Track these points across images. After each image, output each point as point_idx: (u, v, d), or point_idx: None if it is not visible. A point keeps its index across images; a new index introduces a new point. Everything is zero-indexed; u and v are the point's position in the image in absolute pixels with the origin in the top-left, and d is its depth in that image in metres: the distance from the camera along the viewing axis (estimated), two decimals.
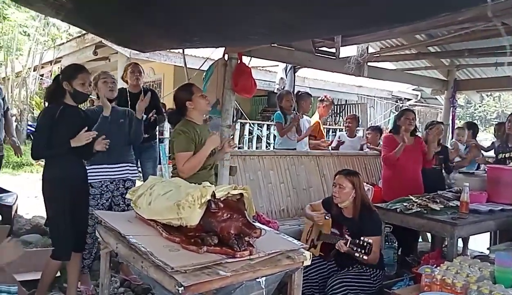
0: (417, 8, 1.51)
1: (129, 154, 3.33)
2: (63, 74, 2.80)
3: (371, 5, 1.50)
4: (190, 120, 2.82)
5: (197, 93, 2.82)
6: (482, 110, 33.37)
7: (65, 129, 2.70)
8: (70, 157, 2.74)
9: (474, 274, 2.32)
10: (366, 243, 2.65)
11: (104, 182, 3.16)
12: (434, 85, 6.07)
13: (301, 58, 4.39)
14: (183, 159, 2.71)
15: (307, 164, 4.88)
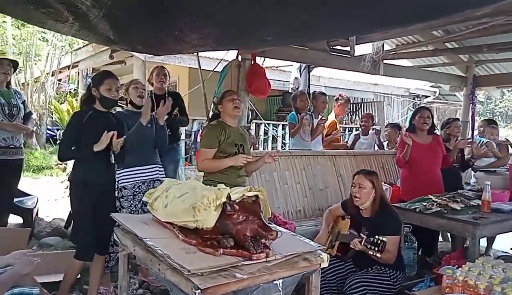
0: (434, 6, 1.48)
1: (156, 155, 3.44)
2: (92, 81, 2.92)
3: (386, 4, 1.47)
4: (221, 121, 3.05)
5: (226, 97, 3.04)
6: (503, 106, 32.61)
7: (92, 133, 2.76)
8: (97, 161, 2.81)
9: (498, 275, 2.26)
10: (380, 240, 2.63)
11: (136, 183, 3.24)
12: (453, 82, 5.94)
13: (316, 57, 4.36)
14: (204, 155, 2.98)
15: (323, 164, 4.83)
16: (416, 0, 1.42)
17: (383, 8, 1.52)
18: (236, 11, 1.61)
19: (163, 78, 3.95)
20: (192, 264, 1.68)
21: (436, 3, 1.37)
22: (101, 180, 2.87)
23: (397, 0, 1.46)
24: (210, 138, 2.99)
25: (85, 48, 9.00)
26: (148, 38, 2.21)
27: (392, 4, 1.49)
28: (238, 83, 3.60)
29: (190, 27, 1.83)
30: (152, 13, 1.73)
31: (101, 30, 2.15)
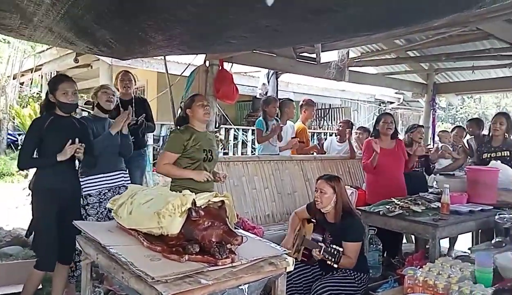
0: (396, 15, 1.54)
1: (121, 162, 3.40)
2: (48, 87, 2.84)
3: (349, 12, 1.51)
4: (190, 126, 3.00)
5: (197, 102, 2.99)
6: (464, 112, 34.01)
7: (54, 140, 2.70)
8: (61, 168, 2.73)
9: (456, 274, 2.34)
10: (336, 251, 2.69)
11: (101, 190, 3.19)
12: (415, 89, 6.17)
13: (283, 63, 4.42)
14: (166, 158, 2.92)
15: (291, 168, 4.90)
16: (378, 10, 1.47)
17: (346, 16, 1.57)
18: (202, 13, 1.61)
19: (128, 83, 3.90)
20: (156, 271, 1.66)
21: (396, 14, 1.43)
22: (65, 187, 2.80)
23: (361, 9, 1.50)
24: (176, 142, 2.94)
25: (49, 51, 8.73)
26: (112, 40, 2.17)
27: (356, 12, 1.53)
28: (205, 89, 3.60)
29: (154, 28, 1.81)
30: (114, 13, 1.71)
31: (62, 32, 2.10)
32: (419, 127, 4.62)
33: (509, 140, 4.27)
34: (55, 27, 2.07)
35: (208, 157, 3.00)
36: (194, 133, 2.96)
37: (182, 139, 2.91)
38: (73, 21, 1.98)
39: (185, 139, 2.91)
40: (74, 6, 1.72)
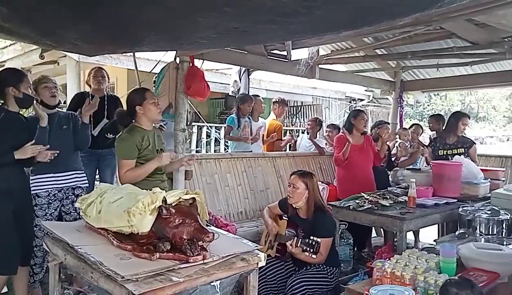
0: (359, 16, 1.58)
1: (76, 160, 3.23)
2: (7, 80, 2.67)
3: (316, 13, 1.54)
4: (137, 126, 2.78)
5: (149, 99, 2.78)
6: (431, 109, 35.10)
7: (6, 137, 2.58)
8: (12, 167, 2.63)
9: (422, 265, 2.42)
10: (315, 241, 2.73)
11: (51, 191, 3.04)
12: (383, 86, 6.33)
13: (254, 61, 4.44)
14: (125, 166, 2.69)
15: (263, 165, 4.93)
16: (344, 11, 1.50)
17: (313, 17, 1.59)
18: (170, 16, 1.60)
19: (101, 79, 3.82)
20: (127, 270, 1.64)
21: (360, 15, 1.47)
22: (19, 187, 2.70)
23: (327, 10, 1.53)
24: (129, 148, 2.70)
25: (13, 46, 8.39)
26: (79, 37, 2.12)
27: (322, 13, 1.56)
28: (176, 86, 3.56)
29: (121, 29, 1.79)
30: (79, 12, 1.68)
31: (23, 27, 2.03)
32: (385, 124, 4.78)
33: (463, 137, 4.47)
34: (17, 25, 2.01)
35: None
36: (143, 134, 2.75)
37: (134, 142, 2.70)
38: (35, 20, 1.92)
39: (138, 142, 2.71)
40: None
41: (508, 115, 34.15)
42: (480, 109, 33.76)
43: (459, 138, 4.47)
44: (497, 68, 5.43)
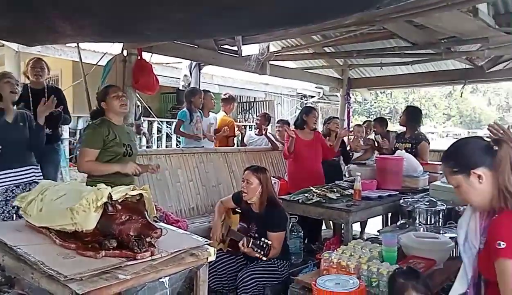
0: (303, 13, 1.62)
1: (31, 156, 3.16)
2: None
3: (261, 9, 1.56)
4: (107, 119, 2.84)
5: (111, 94, 2.82)
6: (377, 106, 36.62)
7: None
8: None
9: (365, 255, 2.53)
10: (266, 244, 2.78)
11: (8, 187, 2.95)
12: (331, 83, 6.52)
13: (205, 55, 4.41)
14: (87, 155, 2.73)
15: (215, 160, 4.92)
16: (287, 8, 1.53)
17: (258, 12, 1.61)
18: (112, 5, 1.56)
19: (40, 71, 3.64)
20: (70, 269, 1.58)
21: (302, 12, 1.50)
22: None
23: (272, 7, 1.56)
24: (94, 137, 2.76)
25: None
26: (14, 27, 2.00)
27: (267, 9, 1.59)
28: (124, 79, 3.46)
29: (61, 17, 1.71)
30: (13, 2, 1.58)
31: None
32: (334, 118, 4.95)
33: (419, 134, 4.66)
34: None
35: (128, 152, 2.87)
36: (111, 127, 2.81)
37: (101, 133, 2.75)
38: None
39: (104, 134, 2.75)
40: None
41: (448, 112, 36.40)
42: (422, 107, 35.66)
43: (414, 134, 4.58)
44: (435, 68, 5.78)
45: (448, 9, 2.88)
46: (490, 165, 1.47)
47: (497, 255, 1.36)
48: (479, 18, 3.30)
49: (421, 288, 1.63)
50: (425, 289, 1.64)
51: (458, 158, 1.55)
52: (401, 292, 1.65)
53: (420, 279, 1.69)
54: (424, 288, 1.64)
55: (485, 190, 1.47)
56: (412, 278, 1.68)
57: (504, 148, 1.45)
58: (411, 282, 1.65)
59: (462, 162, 1.52)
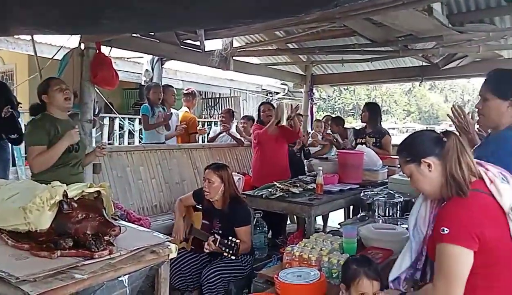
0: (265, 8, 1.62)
1: None
2: None
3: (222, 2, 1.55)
4: (48, 114, 2.70)
5: (53, 87, 2.68)
6: (341, 102, 37.42)
7: None
8: None
9: (327, 247, 2.59)
10: (234, 243, 2.78)
11: None
12: (295, 80, 6.59)
13: (167, 50, 4.33)
14: (34, 153, 2.59)
15: (179, 157, 4.86)
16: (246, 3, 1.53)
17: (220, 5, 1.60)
18: None
19: None
20: (23, 270, 1.52)
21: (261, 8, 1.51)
22: None
23: None
24: (38, 134, 2.62)
25: None
26: None
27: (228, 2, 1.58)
28: (81, 73, 3.34)
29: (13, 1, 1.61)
30: None
31: None
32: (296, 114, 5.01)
33: (380, 128, 4.84)
34: None
35: (74, 147, 2.75)
36: (54, 122, 2.67)
37: (44, 128, 2.61)
38: None
39: (47, 129, 2.62)
40: None
41: (407, 109, 37.72)
42: (383, 103, 36.86)
43: (376, 128, 4.77)
44: (394, 65, 5.98)
45: (404, 8, 2.98)
46: (439, 155, 1.56)
47: (440, 239, 1.45)
48: (433, 17, 3.44)
49: (372, 274, 1.70)
50: (376, 276, 1.71)
51: (411, 148, 1.65)
52: (354, 278, 1.72)
53: (372, 266, 1.75)
54: (375, 275, 1.70)
55: (434, 178, 1.56)
56: (364, 265, 1.74)
57: (452, 139, 1.55)
58: (363, 268, 1.72)
59: (413, 152, 1.62)
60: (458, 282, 1.40)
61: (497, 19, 4.22)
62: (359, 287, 1.68)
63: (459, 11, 4.11)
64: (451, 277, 1.41)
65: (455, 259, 1.41)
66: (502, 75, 2.02)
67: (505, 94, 1.91)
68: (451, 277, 1.41)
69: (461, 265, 1.41)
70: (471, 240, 1.40)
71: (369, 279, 1.67)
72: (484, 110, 2.00)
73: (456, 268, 1.41)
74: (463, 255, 1.40)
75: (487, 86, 1.99)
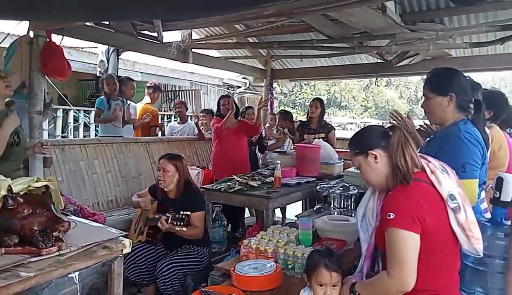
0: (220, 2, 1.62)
1: None
2: None
3: None
4: None
5: None
6: (302, 97, 37.95)
7: None
8: None
9: (283, 239, 2.63)
10: (184, 215, 2.81)
11: None
12: (255, 74, 6.61)
13: (123, 40, 4.21)
14: None
15: (136, 151, 4.76)
16: None
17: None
18: None
19: None
20: None
21: None
22: None
23: None
24: None
25: None
26: None
27: None
28: (30, 63, 3.18)
29: None
30: None
31: None
32: (249, 109, 5.09)
33: (325, 123, 4.99)
34: None
35: (15, 141, 2.63)
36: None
37: None
38: None
39: None
40: None
41: (365, 104, 38.83)
42: (342, 98, 37.75)
43: (321, 124, 4.94)
44: (351, 61, 6.13)
45: (358, 5, 3.06)
46: (385, 147, 1.66)
47: (387, 225, 1.52)
48: (387, 16, 3.56)
49: (332, 266, 1.74)
50: (336, 267, 1.75)
51: (359, 142, 1.75)
52: (314, 268, 1.76)
53: (333, 257, 1.79)
54: (335, 266, 1.75)
55: (381, 169, 1.66)
56: (325, 256, 1.78)
57: (397, 133, 1.65)
58: (323, 260, 1.76)
59: (361, 145, 1.72)
60: (410, 265, 1.48)
61: (446, 19, 4.43)
62: (318, 277, 1.73)
63: (412, 10, 4.28)
64: (403, 261, 1.48)
65: (404, 243, 1.48)
66: (439, 73, 2.17)
67: (444, 91, 2.03)
68: (403, 262, 1.48)
69: (410, 248, 1.48)
70: (414, 224, 1.48)
71: (328, 270, 1.72)
72: (429, 109, 2.12)
73: (406, 252, 1.48)
74: (410, 238, 1.48)
75: (427, 86, 2.12)
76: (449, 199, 1.54)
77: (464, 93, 2.04)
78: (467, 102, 2.04)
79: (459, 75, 2.08)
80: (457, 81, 2.05)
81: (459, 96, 2.02)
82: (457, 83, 2.05)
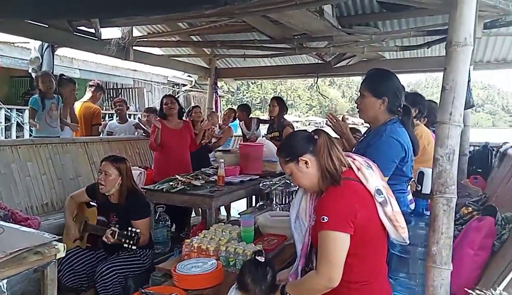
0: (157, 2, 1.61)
1: None
2: None
3: None
4: None
5: None
6: (249, 96, 38.21)
7: None
8: None
9: (225, 237, 2.66)
10: (134, 233, 2.72)
11: None
12: (199, 72, 6.58)
13: (57, 36, 4.01)
14: None
15: (73, 151, 4.57)
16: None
17: None
18: None
19: None
20: None
21: None
22: None
23: None
24: None
25: None
26: None
27: None
28: None
29: None
30: None
31: None
32: (195, 108, 5.07)
33: (284, 122, 5.07)
34: None
35: None
36: None
37: None
38: None
39: None
40: None
41: (310, 103, 39.93)
42: (288, 97, 38.54)
43: (280, 122, 5.01)
44: (293, 62, 6.30)
45: (297, 8, 3.16)
46: (313, 151, 1.71)
47: (321, 227, 1.59)
48: (324, 18, 3.70)
49: None
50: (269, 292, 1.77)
51: (288, 149, 1.77)
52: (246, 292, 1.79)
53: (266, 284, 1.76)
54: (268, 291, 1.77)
55: (312, 173, 1.71)
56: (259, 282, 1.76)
57: (322, 137, 1.71)
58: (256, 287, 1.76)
59: (291, 152, 1.75)
60: (338, 263, 1.56)
61: (380, 24, 4.69)
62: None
63: (348, 14, 4.48)
64: (333, 260, 1.55)
65: (334, 244, 1.56)
66: (379, 75, 2.26)
67: (379, 94, 2.15)
68: (333, 261, 1.55)
69: (340, 248, 1.56)
70: (347, 225, 1.56)
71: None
72: (361, 106, 2.23)
73: (336, 252, 1.56)
74: (341, 239, 1.56)
75: (365, 84, 2.22)
76: (376, 194, 1.63)
77: (396, 98, 2.15)
78: (397, 107, 2.17)
79: (394, 80, 2.18)
80: (391, 85, 2.15)
81: (391, 101, 2.13)
82: (392, 87, 2.15)
